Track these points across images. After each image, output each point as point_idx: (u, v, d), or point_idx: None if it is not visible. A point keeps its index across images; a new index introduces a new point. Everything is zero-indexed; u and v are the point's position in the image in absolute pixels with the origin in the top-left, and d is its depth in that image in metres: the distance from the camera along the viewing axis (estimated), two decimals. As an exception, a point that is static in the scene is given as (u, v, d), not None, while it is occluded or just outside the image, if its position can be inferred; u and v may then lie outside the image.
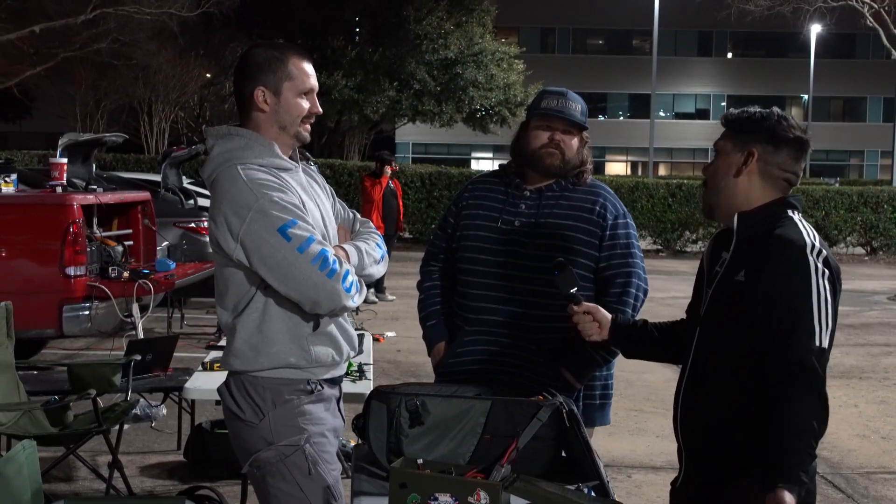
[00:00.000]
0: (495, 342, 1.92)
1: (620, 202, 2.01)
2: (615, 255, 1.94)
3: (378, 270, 1.73)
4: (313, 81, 1.68)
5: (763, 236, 1.46)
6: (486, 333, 1.92)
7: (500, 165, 2.11)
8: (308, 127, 1.69)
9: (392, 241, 7.78)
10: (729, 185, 1.51)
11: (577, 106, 1.94)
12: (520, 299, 1.91)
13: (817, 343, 1.39)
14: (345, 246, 1.68)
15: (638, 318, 1.74)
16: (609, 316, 1.70)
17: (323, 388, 1.66)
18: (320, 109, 1.69)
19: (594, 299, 1.88)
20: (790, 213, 1.50)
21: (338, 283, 1.55)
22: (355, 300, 1.61)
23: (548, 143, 1.92)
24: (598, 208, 1.95)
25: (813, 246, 1.43)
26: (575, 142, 1.95)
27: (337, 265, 1.57)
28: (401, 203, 8.08)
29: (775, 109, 1.53)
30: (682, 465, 1.59)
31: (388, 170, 7.79)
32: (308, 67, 1.67)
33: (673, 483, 1.64)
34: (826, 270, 1.42)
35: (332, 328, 1.65)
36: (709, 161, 1.59)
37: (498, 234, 1.93)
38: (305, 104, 1.66)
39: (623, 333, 1.68)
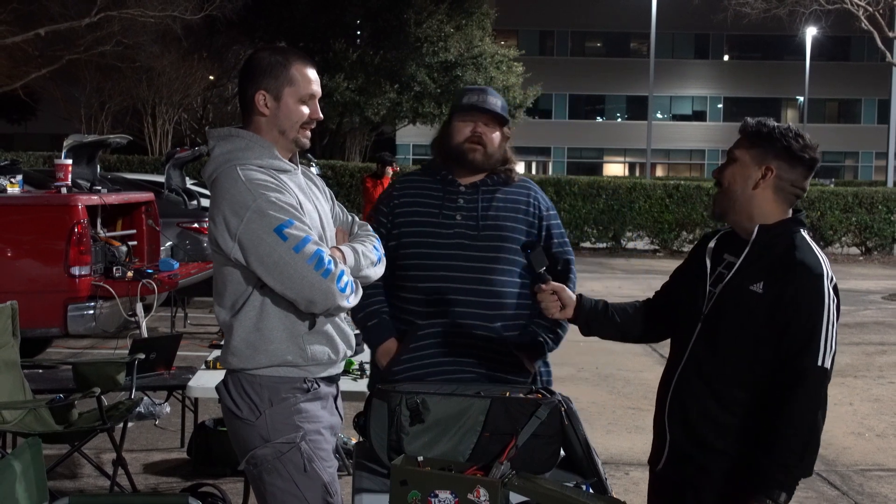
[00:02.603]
0: (452, 334, 1.94)
1: (545, 195, 2.09)
2: (553, 245, 2.02)
3: (375, 272, 1.74)
4: (315, 88, 1.68)
5: (782, 255, 1.55)
6: (442, 326, 1.94)
7: (423, 165, 2.15)
8: (308, 133, 1.70)
9: None
10: (745, 197, 1.58)
11: (497, 101, 1.99)
12: (471, 288, 1.94)
13: (820, 362, 1.50)
14: (341, 247, 1.69)
15: (598, 299, 1.80)
16: (573, 297, 1.76)
17: (319, 386, 1.68)
18: (321, 115, 1.70)
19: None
20: (803, 232, 1.59)
21: (332, 283, 1.57)
22: (350, 300, 1.62)
23: (470, 136, 1.96)
24: (531, 200, 2.02)
25: (828, 274, 1.54)
26: (497, 136, 1.98)
27: (332, 265, 1.58)
28: None
29: (793, 126, 1.59)
30: (665, 451, 1.63)
31: (389, 171, 7.81)
32: (311, 73, 1.68)
33: (652, 465, 1.69)
34: (835, 298, 1.54)
35: (329, 327, 1.67)
36: (721, 164, 1.64)
37: (441, 228, 1.95)
38: (305, 110, 1.67)
39: (586, 314, 1.75)
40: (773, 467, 1.47)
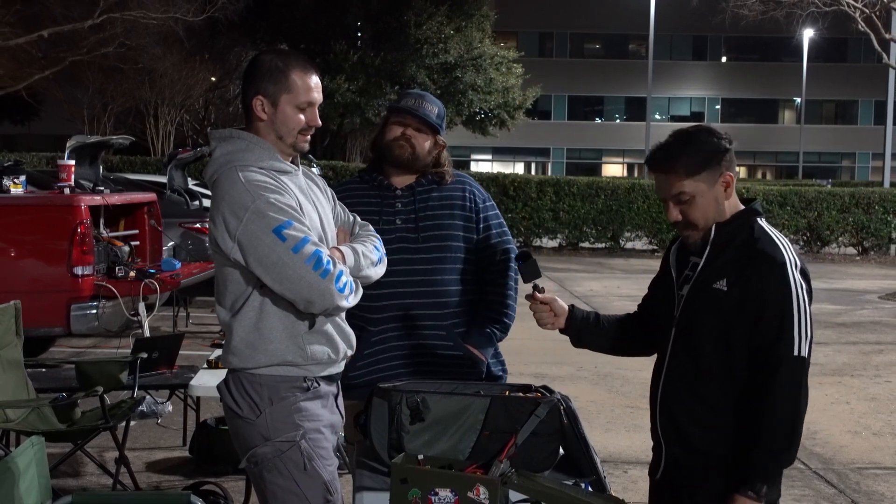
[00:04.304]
0: (405, 336, 1.97)
1: (482, 188, 2.10)
2: (492, 235, 2.04)
3: (376, 272, 1.75)
4: (314, 95, 1.68)
5: (742, 249, 1.52)
6: (394, 330, 1.97)
7: (358, 171, 2.19)
8: (307, 138, 1.70)
9: None
10: (721, 212, 1.55)
11: (434, 109, 2.01)
12: (417, 291, 1.97)
13: (796, 352, 1.48)
14: (341, 248, 1.70)
15: (589, 310, 1.82)
16: (566, 307, 1.77)
17: (319, 385, 1.69)
18: (319, 123, 1.70)
19: (479, 277, 2.01)
20: (760, 221, 1.56)
21: (331, 283, 1.58)
22: (349, 300, 1.63)
23: (399, 136, 1.99)
24: (467, 194, 2.04)
25: (792, 261, 1.50)
26: (427, 142, 2.00)
27: (331, 266, 1.59)
28: None
29: (691, 129, 1.55)
30: (662, 460, 1.64)
31: None
32: (311, 81, 1.67)
33: (651, 475, 1.69)
34: (804, 283, 1.50)
35: (329, 327, 1.68)
36: (676, 210, 1.54)
37: (381, 234, 1.96)
38: (303, 117, 1.67)
39: (576, 325, 1.76)
40: (756, 460, 1.47)
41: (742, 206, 1.58)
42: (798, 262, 1.51)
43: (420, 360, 1.97)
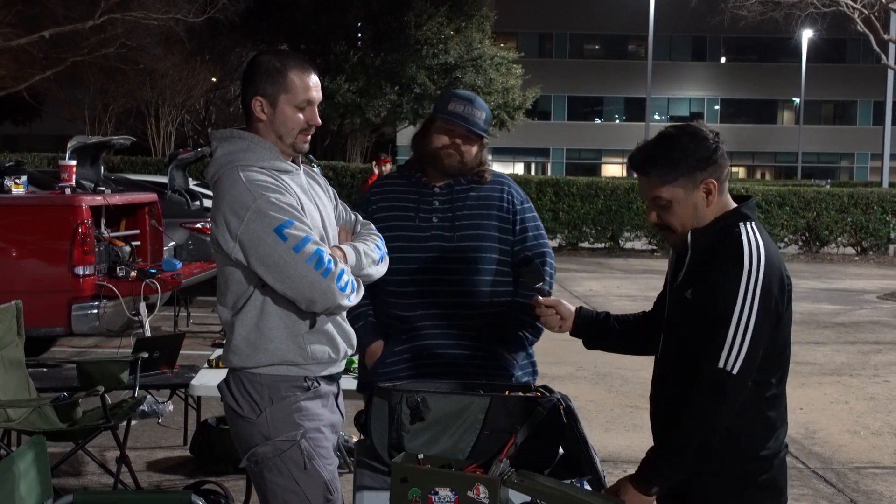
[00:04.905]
0: (434, 335, 1.97)
1: (521, 189, 2.09)
2: (528, 238, 2.02)
3: (377, 271, 1.75)
4: (313, 94, 1.67)
5: (710, 254, 1.45)
6: (423, 328, 1.97)
7: (397, 166, 2.16)
8: (307, 138, 1.70)
9: None
10: (701, 218, 1.48)
11: (482, 115, 1.98)
12: (450, 290, 1.96)
13: (722, 364, 1.38)
14: (342, 246, 1.71)
15: (600, 310, 1.79)
16: (572, 309, 1.74)
17: (320, 384, 1.69)
18: (318, 122, 1.70)
19: (514, 281, 1.99)
20: (741, 225, 1.46)
21: (332, 282, 1.58)
22: (351, 299, 1.63)
23: (448, 145, 1.97)
24: (505, 195, 2.03)
25: (752, 271, 1.39)
26: (474, 148, 1.99)
27: (332, 265, 1.59)
28: None
29: (673, 132, 1.47)
30: None
31: (374, 168, 7.82)
32: (309, 80, 1.66)
33: None
34: (759, 297, 1.38)
35: (329, 326, 1.68)
36: (655, 213, 1.50)
37: (417, 231, 1.97)
38: (302, 117, 1.67)
39: (586, 326, 1.73)
40: (655, 459, 1.44)
41: (731, 208, 1.49)
42: (760, 276, 1.38)
43: (449, 360, 1.95)
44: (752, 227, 1.46)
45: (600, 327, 1.73)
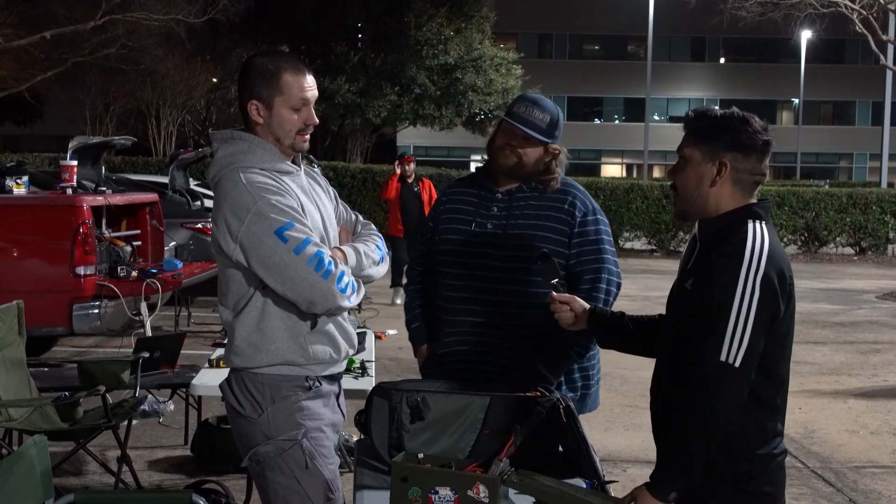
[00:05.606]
0: (472, 342, 1.97)
1: (592, 200, 2.02)
2: (584, 252, 1.97)
3: (378, 272, 1.76)
4: (308, 94, 1.66)
5: (713, 247, 1.44)
6: (463, 334, 1.97)
7: (476, 168, 2.17)
8: (306, 137, 1.70)
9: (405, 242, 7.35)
10: (703, 195, 1.48)
11: (545, 117, 1.93)
12: (494, 299, 1.95)
13: (723, 357, 1.37)
14: (343, 248, 1.71)
15: (616, 310, 1.76)
16: (586, 306, 1.73)
17: (321, 384, 1.70)
18: (316, 120, 1.69)
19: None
20: (750, 223, 1.44)
21: (333, 283, 1.59)
22: (351, 300, 1.64)
23: (504, 146, 1.96)
24: (566, 206, 1.97)
25: (753, 263, 1.38)
26: (535, 151, 1.94)
27: (332, 266, 1.60)
28: (426, 205, 7.45)
29: (736, 112, 1.47)
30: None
31: (396, 168, 7.71)
32: (303, 80, 1.65)
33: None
34: (759, 290, 1.37)
35: (330, 327, 1.69)
36: (674, 166, 1.52)
37: (470, 237, 1.97)
38: (298, 117, 1.67)
39: (600, 324, 1.71)
40: (665, 463, 1.42)
41: (746, 204, 1.47)
42: (760, 268, 1.38)
43: (485, 368, 1.94)
44: (760, 225, 1.45)
45: (614, 326, 1.71)
